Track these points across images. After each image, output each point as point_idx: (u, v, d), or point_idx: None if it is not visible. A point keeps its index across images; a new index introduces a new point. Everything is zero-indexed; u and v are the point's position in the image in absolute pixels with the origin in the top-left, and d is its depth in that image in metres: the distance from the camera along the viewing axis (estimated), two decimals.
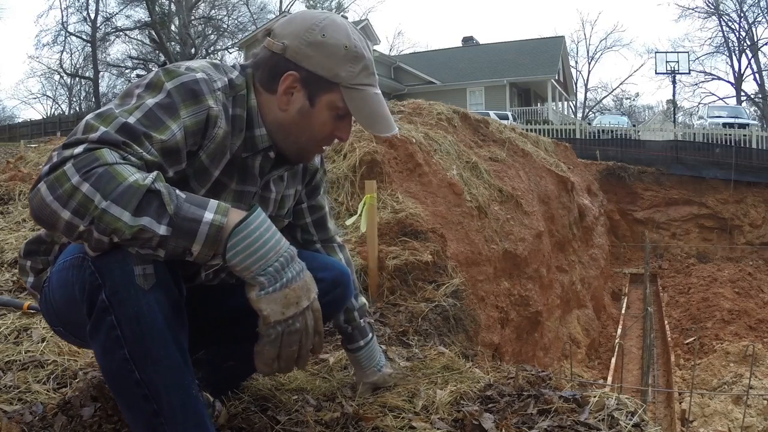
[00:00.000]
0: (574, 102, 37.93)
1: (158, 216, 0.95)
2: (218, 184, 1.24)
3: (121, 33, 31.80)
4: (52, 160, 0.95)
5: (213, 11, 33.58)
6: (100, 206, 0.92)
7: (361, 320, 1.70)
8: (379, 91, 1.30)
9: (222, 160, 1.21)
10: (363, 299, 1.73)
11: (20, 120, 35.67)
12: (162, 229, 0.95)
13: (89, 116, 1.04)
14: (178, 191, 0.99)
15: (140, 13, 31.12)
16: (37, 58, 58.27)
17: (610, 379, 6.74)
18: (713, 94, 36.78)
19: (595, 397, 1.60)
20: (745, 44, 31.73)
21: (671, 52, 26.82)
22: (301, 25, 1.23)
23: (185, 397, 1.06)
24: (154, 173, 0.98)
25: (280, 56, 1.22)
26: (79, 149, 0.96)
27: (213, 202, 1.01)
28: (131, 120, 1.03)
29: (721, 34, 32.42)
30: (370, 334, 1.72)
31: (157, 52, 30.84)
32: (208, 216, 0.99)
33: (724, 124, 18.24)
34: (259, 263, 1.03)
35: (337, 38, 1.22)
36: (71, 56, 37.16)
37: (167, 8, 31.20)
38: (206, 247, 0.99)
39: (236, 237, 1.00)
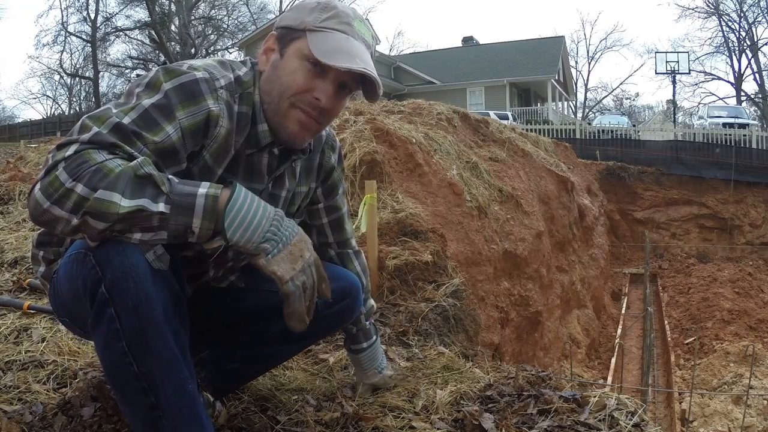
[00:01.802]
0: (574, 102, 37.92)
1: (154, 196, 0.98)
2: (222, 182, 1.24)
3: (121, 33, 31.82)
4: (47, 163, 0.99)
5: (213, 11, 33.61)
6: (91, 198, 0.95)
7: (367, 322, 1.69)
8: (355, 40, 1.22)
9: (225, 158, 1.22)
10: (372, 302, 1.72)
11: (20, 120, 35.70)
12: (161, 207, 0.98)
13: (86, 116, 1.06)
14: (170, 176, 1.03)
15: (140, 13, 31.16)
16: (37, 58, 58.42)
17: (610, 379, 6.74)
18: (713, 94, 36.70)
19: (595, 397, 1.60)
20: (745, 44, 31.72)
21: (671, 52, 26.84)
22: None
23: (182, 392, 1.06)
24: (140, 159, 1.00)
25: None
26: (69, 151, 0.99)
27: (206, 182, 1.05)
28: (125, 120, 1.05)
29: (721, 34, 32.43)
30: (374, 337, 1.72)
31: (157, 52, 30.83)
32: (202, 190, 1.02)
33: (724, 124, 18.23)
34: (257, 232, 1.05)
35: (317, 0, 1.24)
36: (71, 56, 37.22)
37: (167, 8, 31.19)
38: (206, 219, 1.01)
39: (229, 216, 1.03)
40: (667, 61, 23.83)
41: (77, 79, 35.84)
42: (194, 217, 1.00)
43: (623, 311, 9.77)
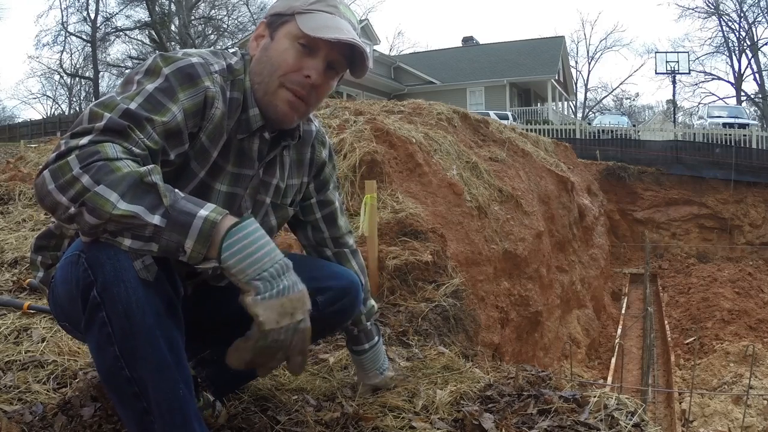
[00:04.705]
0: (574, 102, 37.91)
1: (153, 207, 0.97)
2: (215, 167, 1.26)
3: (121, 33, 31.81)
4: (60, 149, 1.00)
5: (213, 11, 33.60)
6: (92, 190, 0.96)
7: (368, 323, 1.69)
8: (341, 19, 1.27)
9: (219, 140, 1.24)
10: (372, 302, 1.72)
11: (20, 120, 35.67)
12: (156, 219, 0.97)
13: (92, 105, 1.07)
14: (176, 190, 1.02)
15: (140, 13, 31.13)
16: (37, 58, 58.43)
17: (610, 379, 6.74)
18: (713, 94, 36.68)
19: (595, 397, 1.60)
20: (745, 44, 31.71)
21: (671, 52, 26.89)
22: None
23: (173, 397, 1.05)
24: (150, 166, 1.01)
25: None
26: (84, 140, 1.00)
27: (210, 204, 1.02)
28: (133, 105, 1.07)
29: (721, 34, 32.43)
30: (376, 338, 1.72)
31: (157, 52, 30.77)
32: (203, 212, 1.00)
33: (724, 124, 18.25)
34: (255, 266, 1.01)
35: None
36: (71, 56, 37.15)
37: (167, 8, 31.18)
38: (199, 243, 0.98)
39: (232, 238, 1.00)
40: (667, 61, 23.88)
41: (77, 79, 35.89)
42: (188, 238, 0.98)
43: (623, 311, 9.77)
